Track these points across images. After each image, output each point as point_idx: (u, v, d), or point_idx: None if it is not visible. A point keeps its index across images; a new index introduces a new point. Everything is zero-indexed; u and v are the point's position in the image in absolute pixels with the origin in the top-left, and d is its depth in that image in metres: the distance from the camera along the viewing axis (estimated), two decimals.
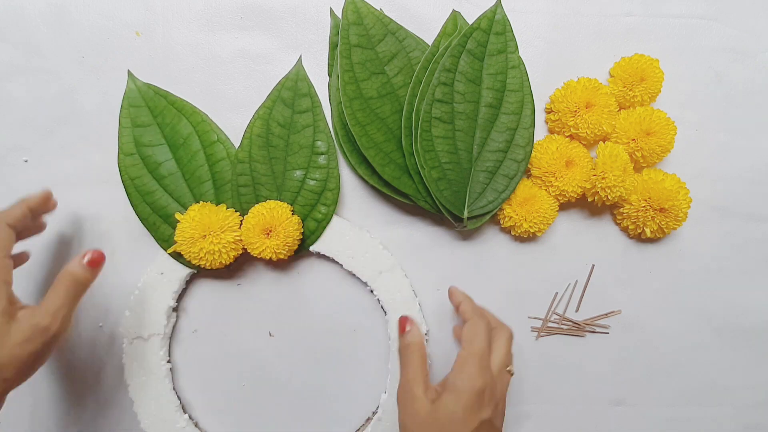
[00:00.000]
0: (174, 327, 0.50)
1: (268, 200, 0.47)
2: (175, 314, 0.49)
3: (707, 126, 0.51)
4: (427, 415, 0.37)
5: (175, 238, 0.45)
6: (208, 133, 0.48)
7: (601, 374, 0.51)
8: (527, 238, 0.51)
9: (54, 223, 0.48)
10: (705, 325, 0.52)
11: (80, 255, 0.40)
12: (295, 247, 0.46)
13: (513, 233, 0.49)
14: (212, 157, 0.47)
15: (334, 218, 0.48)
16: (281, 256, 0.45)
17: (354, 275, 0.49)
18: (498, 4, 0.47)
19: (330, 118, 0.49)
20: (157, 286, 0.48)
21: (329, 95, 0.49)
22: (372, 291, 0.49)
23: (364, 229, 0.49)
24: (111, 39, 0.49)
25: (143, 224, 0.47)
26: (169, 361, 0.49)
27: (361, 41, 0.47)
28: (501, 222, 0.49)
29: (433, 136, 0.46)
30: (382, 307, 0.49)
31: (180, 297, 0.50)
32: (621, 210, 0.49)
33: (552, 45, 0.50)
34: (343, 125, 0.48)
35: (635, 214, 0.48)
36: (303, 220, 0.47)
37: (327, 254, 0.48)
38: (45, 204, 0.43)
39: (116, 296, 0.49)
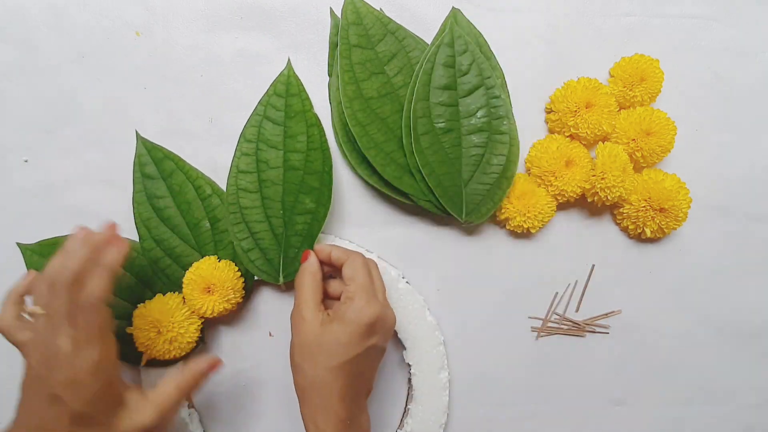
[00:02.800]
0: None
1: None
2: (194, 410, 0.48)
3: (707, 126, 0.51)
4: (314, 337, 0.38)
5: (140, 350, 0.45)
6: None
7: (601, 374, 0.51)
8: (525, 236, 0.51)
9: (53, 223, 0.48)
10: (705, 325, 0.52)
11: (206, 360, 0.41)
12: (241, 285, 0.46)
13: (507, 227, 0.49)
14: (130, 267, 0.47)
15: None
16: (237, 300, 0.46)
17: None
18: (288, 65, 0.47)
19: (330, 118, 0.49)
20: None
21: (329, 95, 0.49)
22: None
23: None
24: (111, 39, 0.49)
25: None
26: None
27: (360, 41, 0.47)
28: (497, 214, 0.49)
29: (242, 207, 0.46)
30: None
31: None
32: (621, 210, 0.49)
33: (552, 45, 0.50)
34: (343, 125, 0.48)
35: (635, 214, 0.48)
36: (233, 260, 0.47)
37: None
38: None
39: None
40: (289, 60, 0.47)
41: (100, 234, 0.38)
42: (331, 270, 0.44)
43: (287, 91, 0.47)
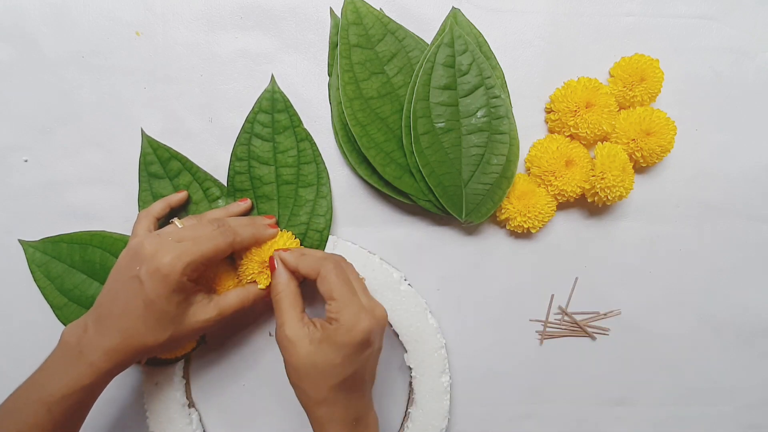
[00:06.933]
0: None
1: None
2: (194, 410, 0.49)
3: (707, 126, 0.51)
4: (306, 357, 0.37)
5: None
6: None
7: (601, 374, 0.51)
8: (526, 236, 0.51)
9: (53, 223, 0.48)
10: (705, 325, 0.52)
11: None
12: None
13: (507, 227, 0.49)
14: None
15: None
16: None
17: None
18: (272, 81, 0.48)
19: (330, 118, 0.49)
20: (160, 396, 0.47)
21: (329, 95, 0.49)
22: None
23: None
24: (111, 39, 0.49)
25: None
26: None
27: (360, 41, 0.47)
28: (497, 214, 0.49)
29: None
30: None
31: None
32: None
33: (552, 45, 0.50)
34: (343, 125, 0.48)
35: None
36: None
37: None
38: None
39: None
40: (273, 76, 0.48)
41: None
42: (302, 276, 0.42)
43: (273, 107, 0.47)
